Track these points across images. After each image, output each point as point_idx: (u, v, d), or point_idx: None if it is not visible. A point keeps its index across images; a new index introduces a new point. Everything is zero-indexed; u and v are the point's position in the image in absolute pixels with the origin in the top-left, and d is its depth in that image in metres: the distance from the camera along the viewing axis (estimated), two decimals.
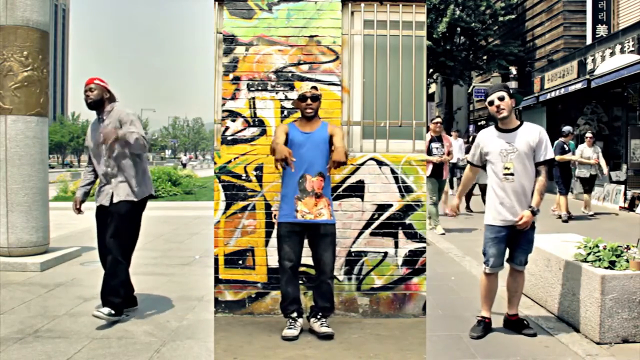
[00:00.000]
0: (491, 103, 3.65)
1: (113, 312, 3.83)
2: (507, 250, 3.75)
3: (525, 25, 22.17)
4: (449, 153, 7.89)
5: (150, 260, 6.10)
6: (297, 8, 4.13)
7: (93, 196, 4.13)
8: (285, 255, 3.53)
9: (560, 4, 18.86)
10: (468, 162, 4.03)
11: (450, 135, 10.82)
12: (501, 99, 3.61)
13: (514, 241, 3.69)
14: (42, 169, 5.81)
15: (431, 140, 7.67)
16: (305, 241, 3.60)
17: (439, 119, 8.02)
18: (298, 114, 3.97)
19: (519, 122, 3.70)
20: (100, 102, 4.04)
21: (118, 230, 3.92)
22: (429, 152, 7.58)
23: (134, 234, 4.09)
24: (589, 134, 10.19)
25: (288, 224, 3.53)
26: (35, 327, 3.76)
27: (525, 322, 3.74)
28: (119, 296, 3.89)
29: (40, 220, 5.78)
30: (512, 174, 3.58)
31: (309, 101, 3.59)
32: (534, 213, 3.57)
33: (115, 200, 3.96)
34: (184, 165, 45.01)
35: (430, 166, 7.61)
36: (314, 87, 3.64)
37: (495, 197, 3.65)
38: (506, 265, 3.77)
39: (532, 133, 3.63)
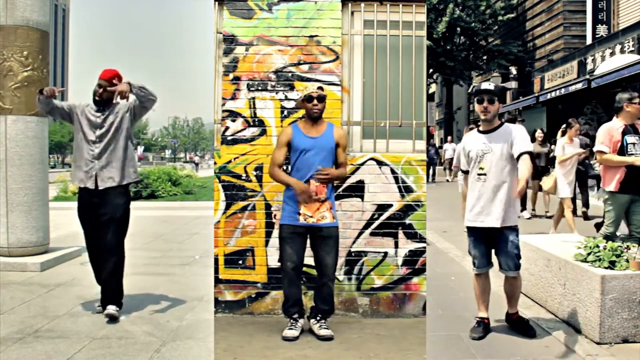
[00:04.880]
0: (480, 101, 3.59)
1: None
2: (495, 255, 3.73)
3: (525, 25, 22.18)
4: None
5: (150, 260, 6.09)
6: (297, 8, 4.13)
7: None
8: (288, 257, 3.52)
9: (560, 4, 18.89)
10: (461, 170, 3.87)
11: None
12: (491, 101, 3.57)
13: (496, 245, 3.66)
14: (42, 169, 5.81)
15: (625, 132, 4.49)
16: (308, 242, 3.59)
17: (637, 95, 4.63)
18: (298, 114, 3.97)
19: (499, 123, 3.65)
20: (111, 99, 4.08)
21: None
22: (622, 149, 4.46)
23: None
24: None
25: (290, 226, 3.53)
26: (35, 327, 3.76)
27: (526, 320, 3.74)
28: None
29: (40, 220, 5.78)
30: (484, 174, 3.56)
31: (315, 102, 3.55)
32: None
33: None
34: (197, 165, 44.42)
35: (621, 172, 4.43)
36: (320, 88, 3.62)
37: (470, 199, 3.64)
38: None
39: (507, 132, 3.57)
